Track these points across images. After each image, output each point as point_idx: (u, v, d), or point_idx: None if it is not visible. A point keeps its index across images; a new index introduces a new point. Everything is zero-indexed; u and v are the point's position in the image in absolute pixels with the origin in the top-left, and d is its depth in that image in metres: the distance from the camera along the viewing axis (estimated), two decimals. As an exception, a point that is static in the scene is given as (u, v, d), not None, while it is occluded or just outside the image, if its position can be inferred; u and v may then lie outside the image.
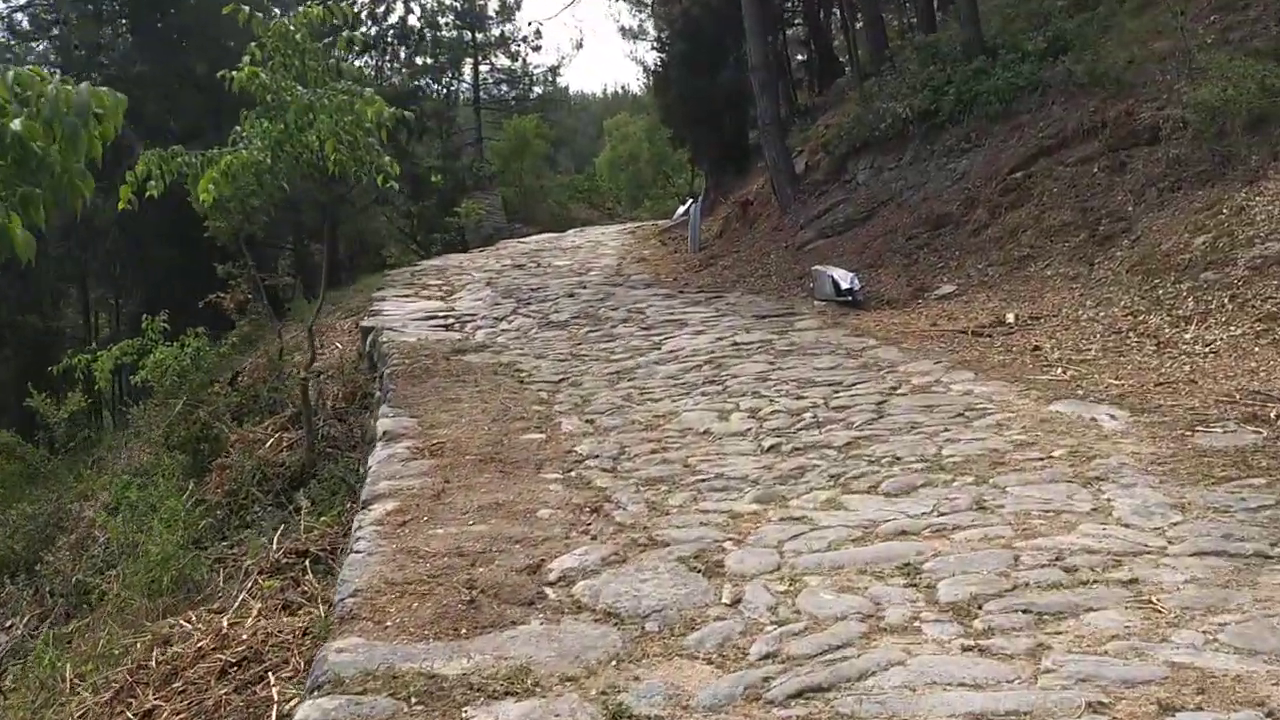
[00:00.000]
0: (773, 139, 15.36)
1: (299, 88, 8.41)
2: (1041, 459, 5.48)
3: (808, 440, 6.19)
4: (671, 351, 9.12)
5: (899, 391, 7.12)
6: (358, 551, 4.75)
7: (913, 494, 5.15)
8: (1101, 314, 8.68)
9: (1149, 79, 11.22)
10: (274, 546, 6.63)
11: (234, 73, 8.34)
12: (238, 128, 9.04)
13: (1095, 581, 3.98)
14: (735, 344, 9.20)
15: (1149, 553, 4.24)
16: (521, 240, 27.75)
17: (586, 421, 6.97)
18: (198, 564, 7.41)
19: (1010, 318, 9.29)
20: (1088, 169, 10.93)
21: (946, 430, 6.11)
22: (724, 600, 4.08)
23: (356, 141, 8.87)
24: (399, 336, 10.49)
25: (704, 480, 5.61)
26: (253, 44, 8.27)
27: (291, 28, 8.23)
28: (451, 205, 30.58)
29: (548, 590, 4.25)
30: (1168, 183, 9.87)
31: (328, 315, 14.49)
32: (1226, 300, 7.85)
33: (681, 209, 33.12)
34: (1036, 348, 8.26)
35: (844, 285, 10.91)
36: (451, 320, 12.02)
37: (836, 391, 7.24)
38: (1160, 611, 3.72)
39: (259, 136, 8.75)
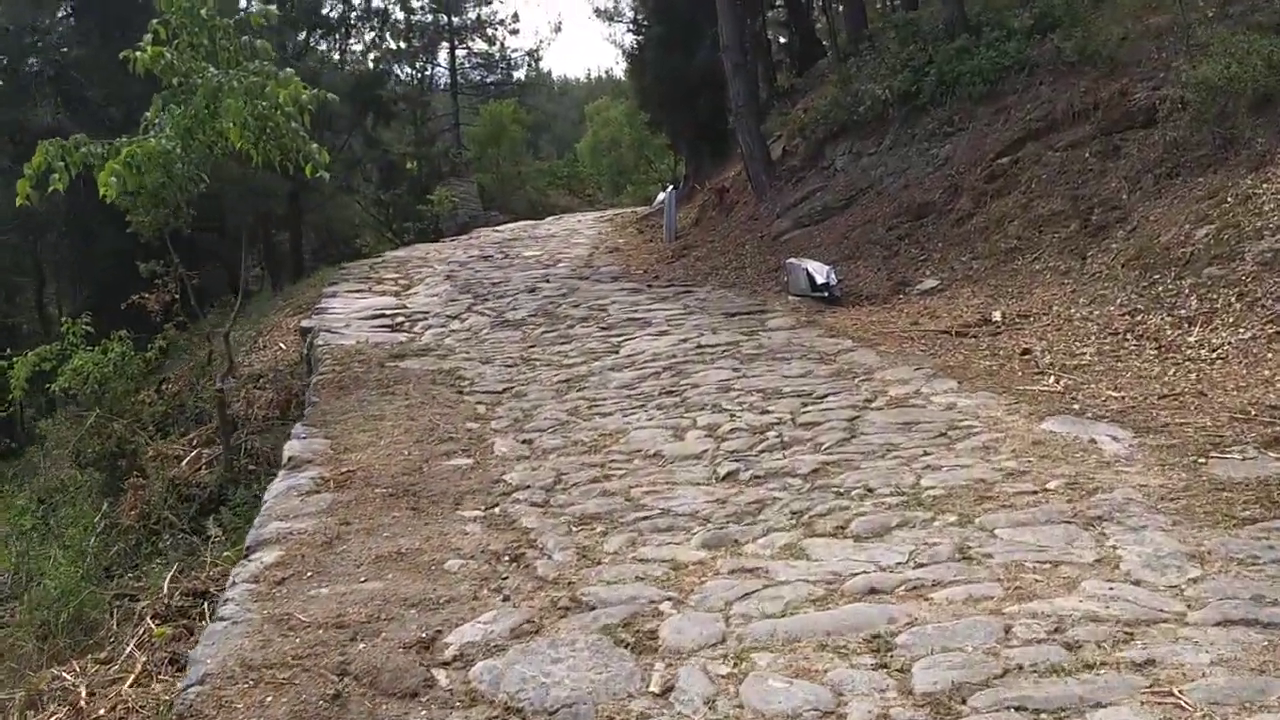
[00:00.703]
0: (747, 123, 14.56)
1: (210, 69, 7.58)
2: (1035, 492, 4.72)
3: (770, 465, 5.42)
4: (630, 356, 8.33)
5: (875, 405, 6.35)
6: (222, 618, 3.96)
7: (886, 537, 4.38)
8: (1096, 312, 7.93)
9: (1144, 56, 10.45)
10: (165, 589, 5.83)
11: (137, 53, 7.50)
12: (147, 113, 8.22)
13: (1103, 664, 3.22)
14: (699, 347, 8.42)
15: (1165, 620, 3.49)
16: (496, 229, 26.91)
17: (523, 442, 6.19)
18: (97, 601, 6.63)
19: (997, 316, 8.53)
20: (1079, 154, 10.17)
21: (927, 454, 5.35)
22: (652, 688, 3.31)
23: (279, 127, 8.07)
24: (337, 339, 9.68)
25: (647, 517, 4.84)
26: (155, 21, 7.44)
27: (197, 2, 7.39)
28: (426, 193, 29.72)
29: (438, 675, 3.47)
30: (1165, 168, 9.10)
31: (276, 312, 13.69)
32: (1234, 299, 7.10)
33: (661, 196, 32.28)
34: (1026, 351, 7.51)
35: (820, 279, 10.13)
36: (401, 319, 11.20)
37: (806, 405, 6.47)
38: (1185, 709, 2.97)
39: (170, 124, 7.94)
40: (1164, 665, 3.20)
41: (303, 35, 25.42)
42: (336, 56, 27.69)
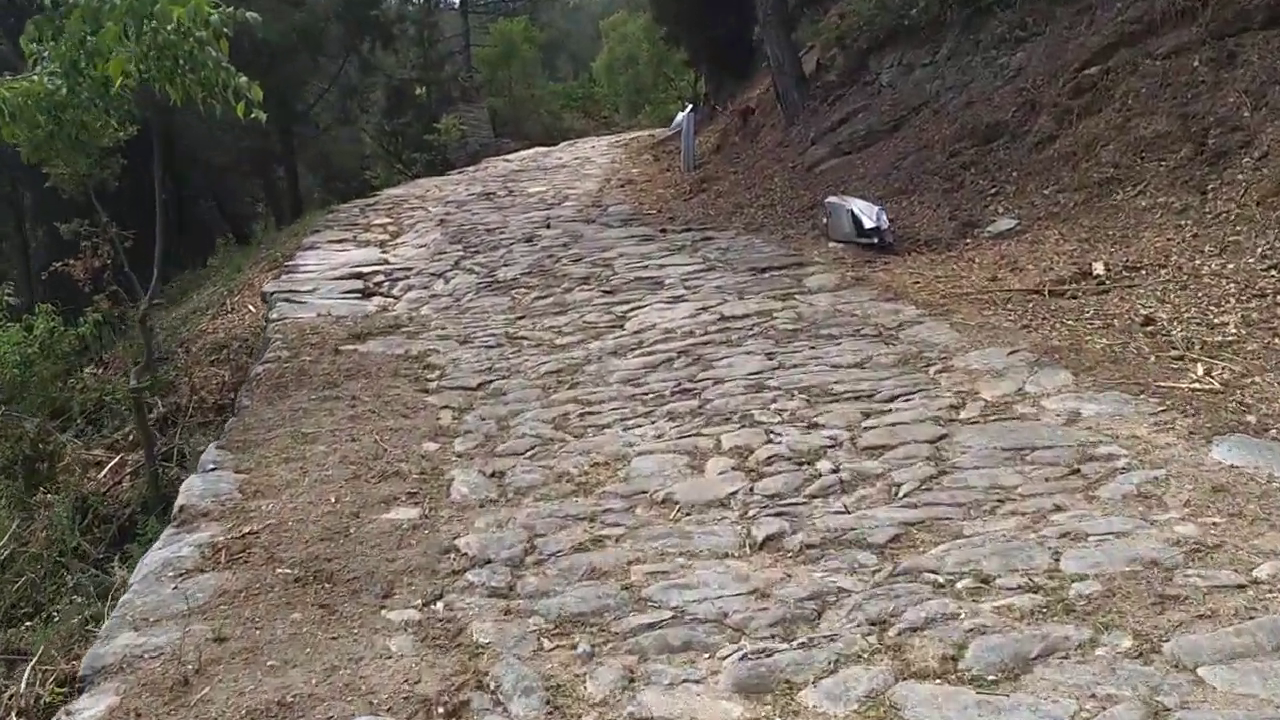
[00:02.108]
0: (775, 33, 12.61)
1: (90, -17, 5.85)
2: (1241, 587, 3.08)
3: (827, 524, 3.79)
4: (636, 334, 6.66)
5: (965, 414, 4.68)
6: None
7: (1025, 680, 2.78)
8: (1230, 266, 6.18)
9: (1265, -64, 8.46)
10: (23, 686, 4.35)
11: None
12: (33, 43, 6.53)
13: None
14: (722, 320, 6.74)
15: None
16: (506, 158, 25.16)
17: (491, 476, 4.58)
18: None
19: (1099, 268, 6.78)
20: (1185, 62, 8.24)
21: (1057, 509, 3.70)
22: None
23: (194, 56, 6.36)
24: (296, 311, 8.07)
25: (653, 626, 3.25)
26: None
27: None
28: (435, 120, 27.81)
29: None
30: (1303, 76, 7.24)
31: (253, 266, 12.09)
32: None
33: (679, 117, 30.28)
34: (1149, 321, 5.78)
35: (868, 223, 8.37)
36: (379, 278, 9.57)
37: (868, 414, 4.81)
38: None
39: (54, 57, 6.26)
40: None
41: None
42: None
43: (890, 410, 4.81)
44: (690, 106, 26.16)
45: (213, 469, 4.85)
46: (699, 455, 4.57)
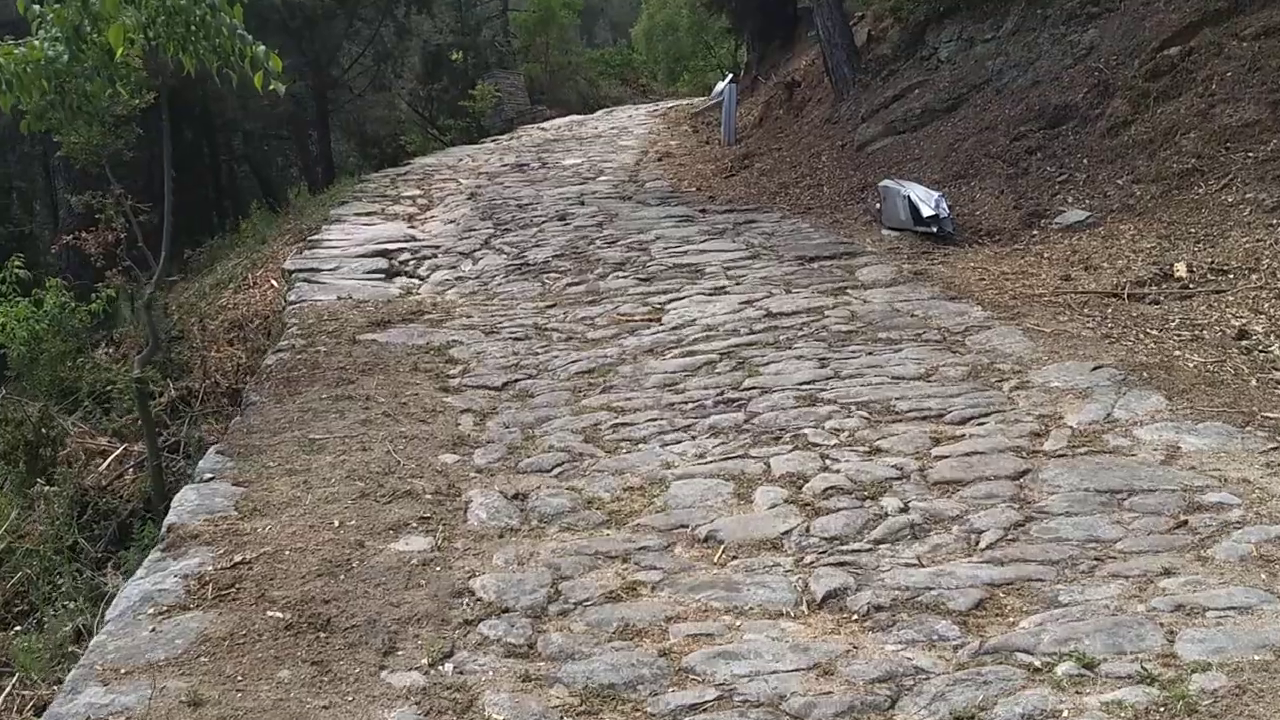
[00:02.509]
0: (827, 1, 11.91)
1: (89, -63, 5.37)
2: (1404, 691, 2.55)
3: (898, 581, 3.27)
4: (675, 329, 6.13)
5: (1048, 444, 4.12)
6: None
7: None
8: (1334, 271, 5.55)
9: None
10: (-4, 717, 3.95)
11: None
12: (34, 3, 6.07)
13: None
14: (769, 316, 6.19)
15: None
16: (541, 126, 24.63)
17: (514, 499, 4.09)
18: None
19: (1181, 269, 6.17)
20: (1276, 44, 7.56)
21: (1166, 572, 3.16)
22: None
23: (207, 24, 5.89)
24: (315, 293, 7.61)
25: (695, 709, 2.76)
26: None
27: None
28: (472, 87, 27.23)
29: None
30: None
31: (278, 238, 11.65)
32: None
33: (720, 85, 29.55)
34: (1243, 334, 5.20)
35: (926, 210, 7.77)
36: (405, 256, 9.08)
37: (937, 439, 4.26)
38: None
39: (56, 20, 5.79)
40: None
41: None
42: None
43: (963, 436, 4.26)
44: (731, 77, 25.44)
45: (210, 478, 4.40)
46: (746, 482, 4.05)
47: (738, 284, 6.99)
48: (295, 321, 6.77)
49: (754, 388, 5.03)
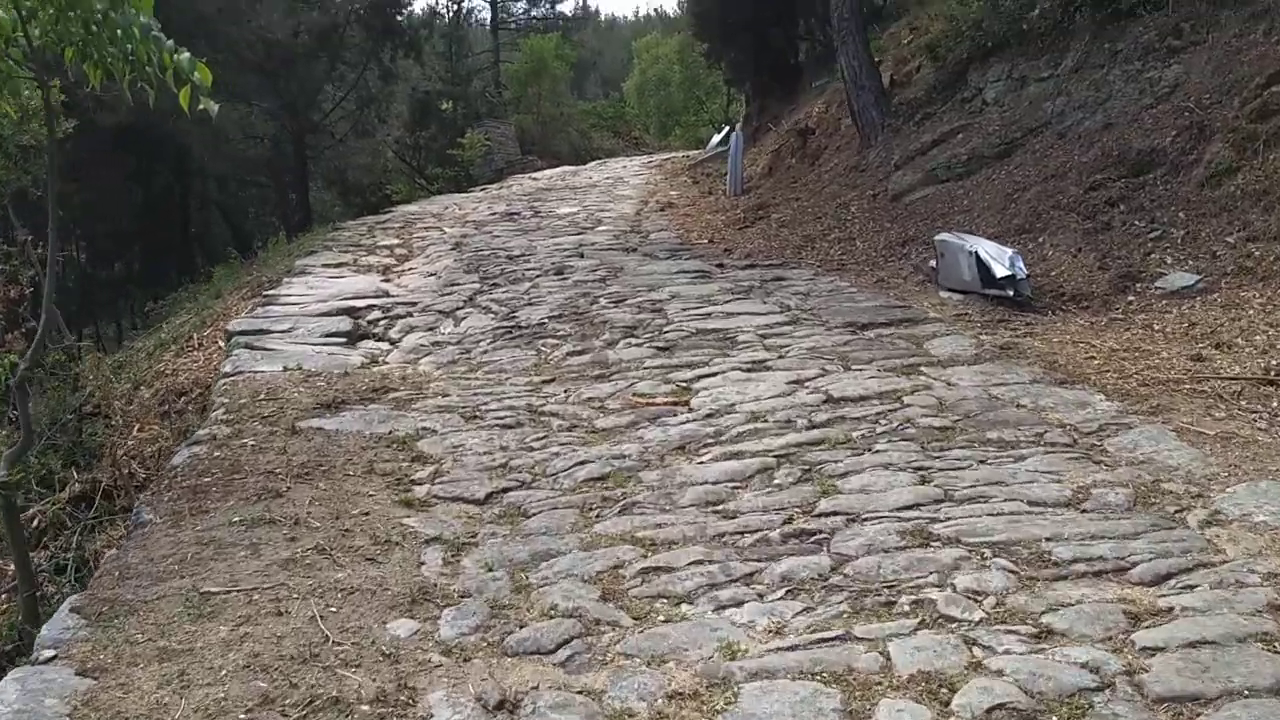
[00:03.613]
0: (852, 42, 10.67)
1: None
2: None
3: None
4: (711, 418, 4.69)
5: (1311, 633, 2.70)
6: None
7: None
8: None
9: None
10: None
11: None
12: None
13: None
14: (831, 402, 4.76)
15: None
16: (533, 176, 23.45)
17: (497, 712, 2.61)
18: None
19: (1350, 350, 4.79)
20: None
21: None
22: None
23: (110, 23, 4.52)
24: (257, 362, 6.13)
25: None
26: None
27: None
28: (461, 135, 26.05)
29: None
30: None
31: (234, 291, 10.19)
32: None
33: (716, 138, 28.50)
34: None
35: (1000, 270, 6.41)
36: (375, 315, 7.64)
37: (1133, 614, 2.79)
38: None
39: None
40: None
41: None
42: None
43: (1170, 609, 2.81)
44: (731, 125, 24.31)
45: (51, 657, 2.91)
46: (858, 688, 2.58)
47: (781, 356, 5.56)
48: (224, 401, 5.29)
49: (834, 512, 3.58)
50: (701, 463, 4.17)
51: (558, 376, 5.63)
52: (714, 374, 5.35)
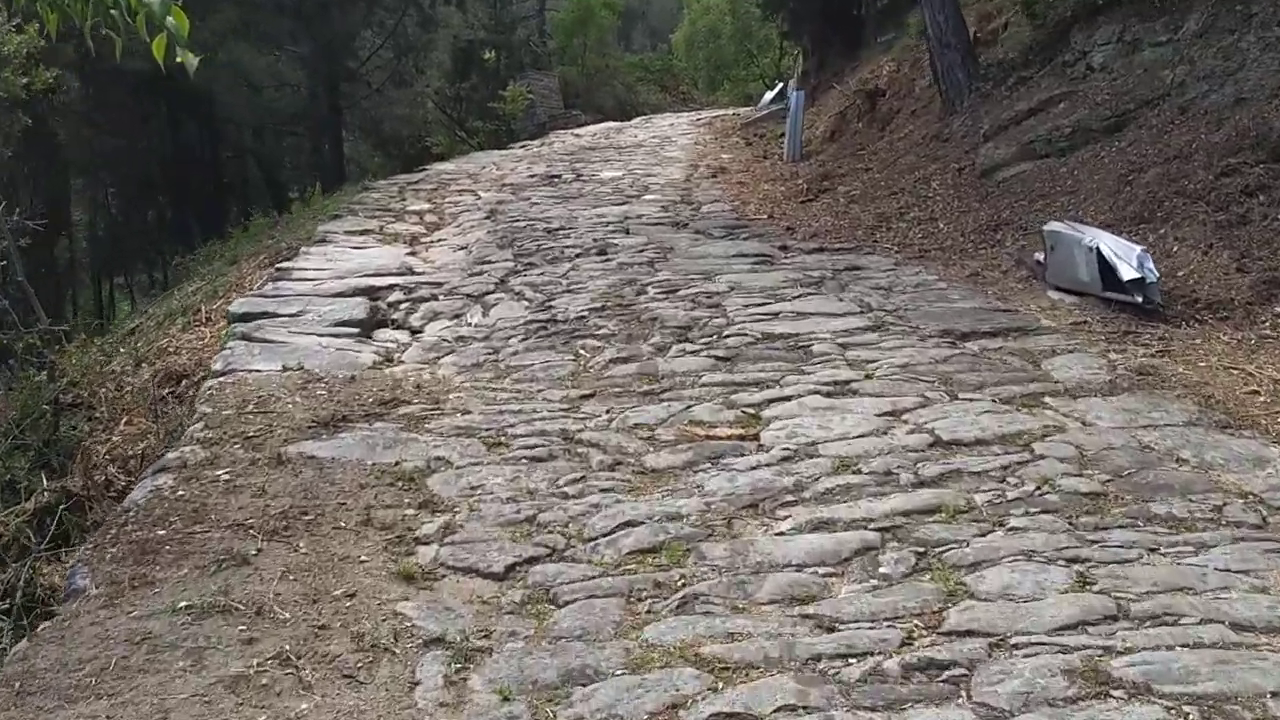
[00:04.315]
0: (937, -7, 9.56)
1: None
2: None
3: None
4: (788, 462, 3.77)
5: None
6: None
7: None
8: None
9: None
10: None
11: None
12: None
13: None
14: (939, 445, 3.83)
15: None
16: (576, 132, 22.45)
17: None
18: None
19: None
20: None
21: None
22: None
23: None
24: (252, 359, 5.29)
25: None
26: None
27: None
28: (504, 87, 25.04)
29: None
30: None
31: (248, 259, 9.38)
32: None
33: (769, 95, 27.20)
34: None
35: (1127, 272, 5.40)
36: (396, 297, 6.77)
37: None
38: None
39: None
40: None
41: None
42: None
43: None
44: (784, 82, 23.14)
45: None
46: None
47: (868, 376, 4.63)
48: (206, 412, 4.47)
49: (970, 631, 2.67)
50: (781, 533, 3.27)
51: (598, 391, 4.74)
52: (787, 397, 4.43)
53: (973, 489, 3.49)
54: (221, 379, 4.93)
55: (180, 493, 3.61)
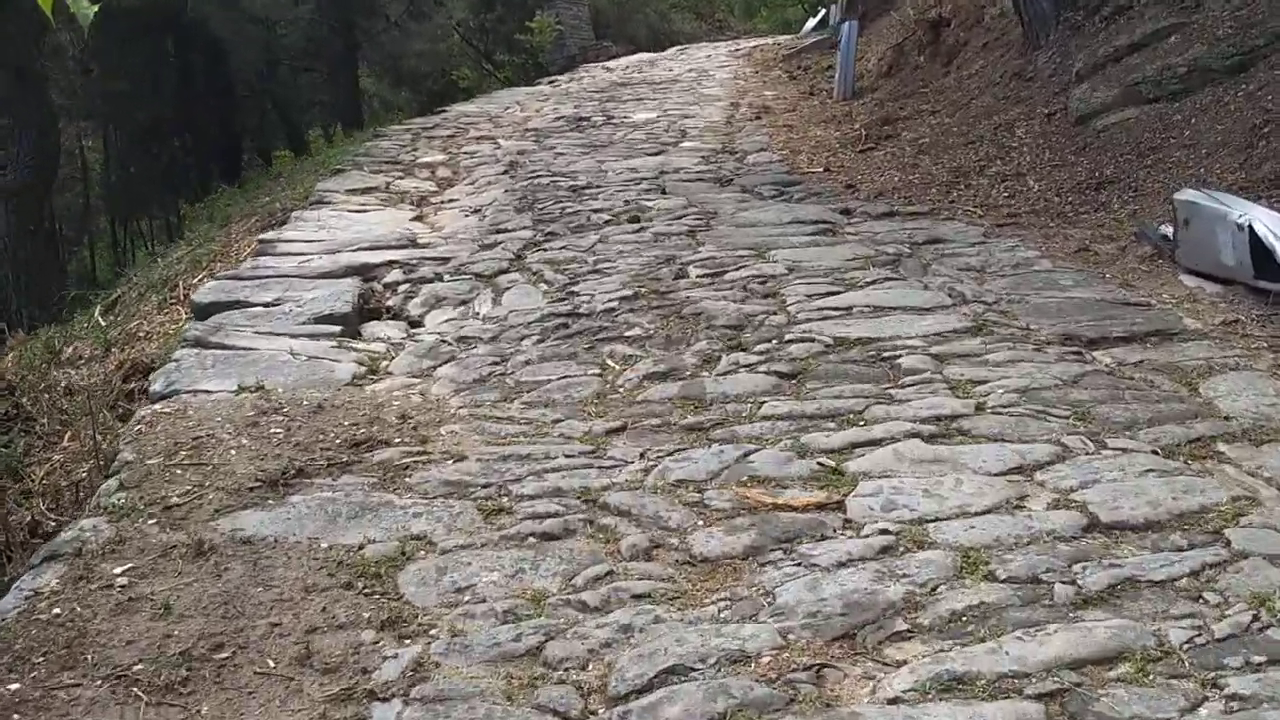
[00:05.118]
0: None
1: None
2: None
3: None
4: (889, 554, 2.67)
5: None
6: None
7: None
8: None
9: None
10: None
11: None
12: None
13: None
14: (1102, 531, 2.75)
15: None
16: (607, 65, 21.11)
17: None
18: None
19: None
20: None
21: None
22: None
23: None
24: (201, 376, 4.26)
25: None
26: None
27: None
28: (531, 17, 23.61)
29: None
30: None
31: (237, 222, 8.35)
32: None
33: (811, 23, 25.56)
34: None
35: (1295, 259, 4.23)
36: (394, 277, 5.71)
37: None
38: None
39: None
40: None
41: None
42: None
43: None
44: (825, 10, 21.59)
45: None
46: None
47: (979, 407, 3.52)
48: (128, 459, 3.47)
49: None
50: (896, 699, 2.22)
51: (629, 423, 3.68)
52: (876, 441, 3.35)
53: (1160, 614, 2.42)
54: (157, 406, 3.92)
55: (57, 611, 2.61)
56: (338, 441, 3.55)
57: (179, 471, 3.34)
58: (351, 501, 3.16)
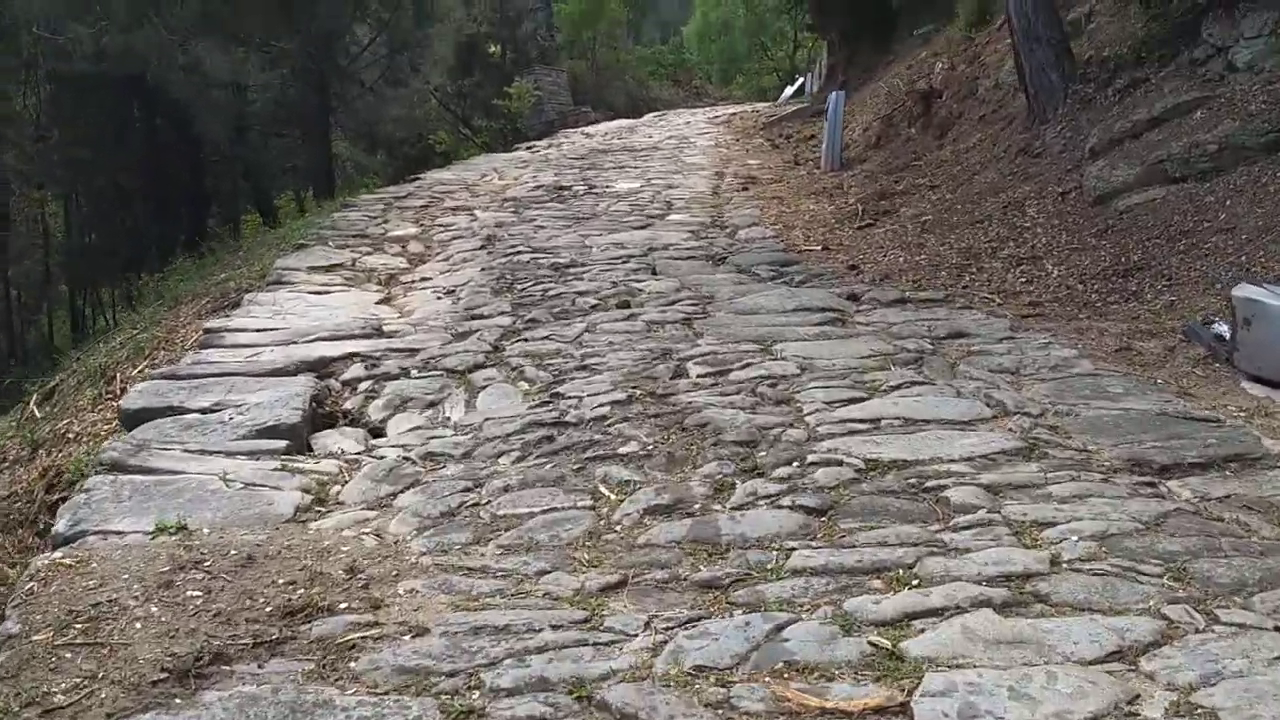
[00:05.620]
0: (1021, -24, 7.76)
1: None
2: None
3: None
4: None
5: None
6: None
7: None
8: None
9: None
10: None
11: None
12: None
13: None
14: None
15: None
16: (586, 131, 20.80)
17: None
18: None
19: None
20: None
21: None
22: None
23: None
24: (116, 514, 3.53)
25: None
26: None
27: None
28: (509, 83, 23.28)
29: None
30: None
31: (186, 303, 7.68)
32: None
33: (789, 90, 25.46)
34: None
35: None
36: (355, 374, 5.06)
37: None
38: None
39: None
40: None
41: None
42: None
43: None
44: (802, 79, 21.55)
45: None
46: None
47: (1054, 561, 2.89)
48: (14, 633, 2.74)
49: None
50: None
51: (629, 575, 3.01)
52: (938, 611, 2.70)
53: None
54: (57, 555, 3.21)
55: None
56: (268, 609, 2.85)
57: (69, 655, 2.63)
58: (280, 701, 2.45)
